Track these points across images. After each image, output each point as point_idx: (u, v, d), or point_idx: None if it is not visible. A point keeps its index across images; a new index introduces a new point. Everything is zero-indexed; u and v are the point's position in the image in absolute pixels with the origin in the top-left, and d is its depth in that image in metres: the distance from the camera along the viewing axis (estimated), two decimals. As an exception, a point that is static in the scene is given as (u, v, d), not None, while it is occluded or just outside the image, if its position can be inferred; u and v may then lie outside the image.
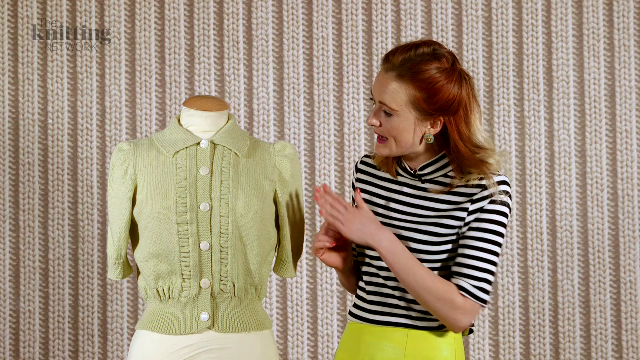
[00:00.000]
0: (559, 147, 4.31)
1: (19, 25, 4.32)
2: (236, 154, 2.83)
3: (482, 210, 2.58)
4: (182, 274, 2.78)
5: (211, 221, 2.77)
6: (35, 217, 4.28)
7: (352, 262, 2.74)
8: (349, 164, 4.30)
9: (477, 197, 2.58)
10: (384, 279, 2.65)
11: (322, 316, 4.29)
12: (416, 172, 2.66)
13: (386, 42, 4.31)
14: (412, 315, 2.64)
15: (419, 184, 2.66)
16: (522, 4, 4.33)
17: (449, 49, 3.30)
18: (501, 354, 4.29)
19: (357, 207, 2.64)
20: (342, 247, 2.70)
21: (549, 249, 4.29)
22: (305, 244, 4.27)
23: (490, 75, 4.32)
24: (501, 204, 2.59)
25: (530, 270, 4.30)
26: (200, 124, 2.85)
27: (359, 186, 2.75)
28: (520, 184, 4.31)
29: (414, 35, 4.30)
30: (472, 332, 2.71)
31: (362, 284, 2.73)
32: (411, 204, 2.65)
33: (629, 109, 4.31)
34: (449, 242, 2.61)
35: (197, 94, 4.20)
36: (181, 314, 2.79)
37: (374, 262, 2.67)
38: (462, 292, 2.56)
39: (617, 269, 4.29)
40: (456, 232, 2.60)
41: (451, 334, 2.66)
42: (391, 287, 2.65)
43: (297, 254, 2.92)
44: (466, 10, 4.33)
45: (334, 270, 4.27)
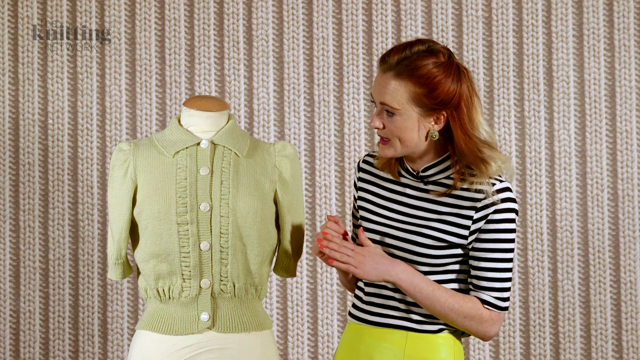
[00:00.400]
0: (559, 147, 4.31)
1: (19, 25, 4.32)
2: (236, 154, 2.83)
3: (488, 220, 2.58)
4: (182, 274, 2.78)
5: (211, 221, 2.77)
6: (35, 217, 4.28)
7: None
8: (349, 164, 4.30)
9: (480, 204, 2.58)
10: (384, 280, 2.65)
11: (322, 316, 4.29)
12: (418, 173, 2.65)
13: (386, 42, 4.31)
14: (412, 317, 2.64)
15: (421, 185, 2.66)
16: (522, 4, 4.33)
17: (449, 48, 3.30)
18: (501, 354, 4.29)
19: (362, 245, 2.64)
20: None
21: (549, 249, 4.29)
22: (305, 244, 4.26)
23: (490, 75, 4.32)
24: (507, 210, 2.59)
25: (530, 270, 4.29)
26: (200, 124, 2.84)
27: (360, 185, 2.74)
28: (520, 184, 4.30)
29: (414, 35, 4.30)
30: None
31: (360, 284, 2.73)
32: (413, 206, 2.64)
33: (629, 109, 4.31)
34: (452, 246, 2.60)
35: (197, 94, 4.20)
36: (181, 314, 2.79)
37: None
38: (486, 306, 2.59)
39: (617, 269, 4.29)
40: (459, 238, 2.60)
41: (450, 336, 2.65)
42: (391, 289, 2.65)
43: (297, 254, 2.92)
44: (466, 10, 4.33)
45: (334, 270, 4.27)
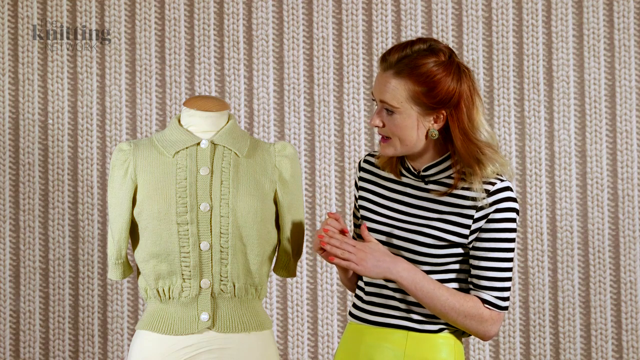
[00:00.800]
0: (559, 147, 4.31)
1: (19, 25, 4.32)
2: (236, 154, 2.83)
3: (489, 219, 2.58)
4: (182, 274, 2.78)
5: (211, 221, 2.77)
6: (35, 217, 4.28)
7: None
8: (349, 164, 4.30)
9: (481, 204, 2.58)
10: (385, 280, 2.65)
11: (322, 316, 4.29)
12: (419, 172, 2.65)
13: (386, 42, 4.31)
14: (413, 317, 2.64)
15: (422, 185, 2.66)
16: (522, 4, 4.33)
17: (451, 48, 3.30)
18: (501, 354, 4.29)
19: (364, 241, 2.64)
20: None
21: (549, 249, 4.29)
22: (305, 244, 4.26)
23: (490, 75, 4.32)
24: (507, 210, 2.59)
25: (530, 270, 4.29)
26: (200, 124, 2.84)
27: (361, 185, 2.74)
28: (520, 184, 4.30)
29: (414, 35, 4.30)
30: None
31: (361, 284, 2.73)
32: (414, 205, 2.64)
33: (629, 109, 4.31)
34: (452, 245, 2.60)
35: (197, 94, 4.20)
36: (181, 314, 2.79)
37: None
38: (486, 305, 2.59)
39: (617, 269, 4.29)
40: (460, 238, 2.60)
41: (451, 336, 2.65)
42: (392, 289, 2.65)
43: (297, 254, 2.92)
44: (466, 10, 4.33)
45: (334, 270, 4.27)
